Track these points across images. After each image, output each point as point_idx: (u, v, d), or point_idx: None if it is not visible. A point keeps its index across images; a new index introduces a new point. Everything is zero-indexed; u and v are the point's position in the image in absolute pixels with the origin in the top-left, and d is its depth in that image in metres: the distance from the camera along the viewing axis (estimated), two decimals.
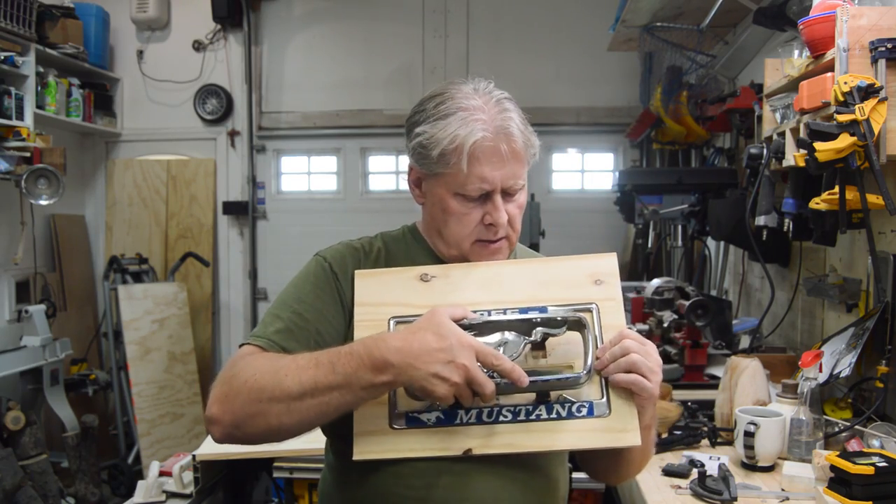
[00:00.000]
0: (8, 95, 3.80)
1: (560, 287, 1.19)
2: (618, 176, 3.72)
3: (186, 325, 4.90)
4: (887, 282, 1.96)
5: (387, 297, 1.19)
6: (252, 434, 1.15)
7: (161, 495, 2.28)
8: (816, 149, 1.72)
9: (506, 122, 1.19)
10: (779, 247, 2.78)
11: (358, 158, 5.32)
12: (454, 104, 1.20)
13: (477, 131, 1.17)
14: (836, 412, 2.02)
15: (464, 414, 1.12)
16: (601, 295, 1.18)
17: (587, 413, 1.11)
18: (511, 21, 5.12)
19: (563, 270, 1.22)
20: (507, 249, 1.27)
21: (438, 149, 1.19)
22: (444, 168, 1.20)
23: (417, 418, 1.12)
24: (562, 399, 1.12)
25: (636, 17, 3.51)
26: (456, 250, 1.26)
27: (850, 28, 1.74)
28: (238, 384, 1.11)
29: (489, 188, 1.20)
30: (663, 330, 2.68)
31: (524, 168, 1.23)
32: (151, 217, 5.24)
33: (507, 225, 1.23)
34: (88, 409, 4.40)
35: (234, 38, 5.24)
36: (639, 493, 1.77)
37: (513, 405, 1.12)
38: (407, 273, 1.22)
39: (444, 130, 1.18)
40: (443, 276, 1.21)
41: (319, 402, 1.09)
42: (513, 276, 1.21)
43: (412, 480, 1.16)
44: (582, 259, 1.23)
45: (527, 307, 1.16)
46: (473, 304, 1.16)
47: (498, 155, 1.18)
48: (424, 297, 1.18)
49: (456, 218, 1.23)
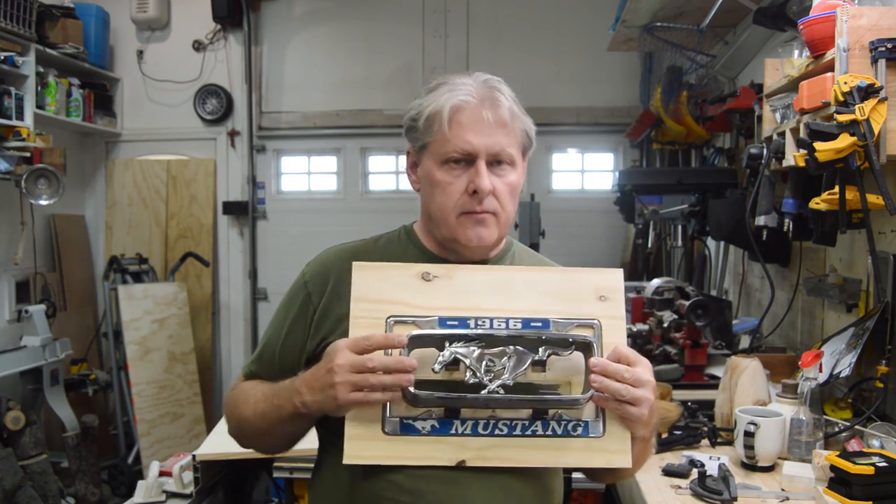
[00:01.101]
0: (8, 95, 3.80)
1: (564, 300, 1.18)
2: (618, 176, 3.72)
3: (186, 325, 4.90)
4: (887, 282, 1.97)
5: (386, 295, 1.16)
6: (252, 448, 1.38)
7: (161, 495, 2.28)
8: (816, 149, 1.72)
9: (492, 93, 1.23)
10: (779, 247, 2.78)
11: (358, 158, 5.32)
12: (443, 80, 1.25)
13: (459, 95, 1.21)
14: (836, 412, 2.02)
15: (459, 424, 1.12)
16: (604, 312, 1.18)
17: (583, 432, 1.13)
18: (511, 21, 5.12)
19: (569, 283, 1.20)
20: (496, 227, 1.24)
21: (424, 116, 1.23)
22: (429, 136, 1.23)
23: (412, 425, 1.11)
24: (558, 416, 1.13)
25: (636, 17, 3.51)
26: (445, 228, 1.25)
27: (850, 28, 1.74)
28: (227, 413, 1.34)
29: (471, 150, 1.20)
30: (663, 330, 2.68)
31: (512, 141, 1.23)
32: (151, 217, 5.24)
33: (494, 199, 1.22)
34: (88, 409, 4.39)
35: (234, 38, 5.24)
36: (639, 493, 1.77)
37: (509, 419, 1.12)
38: (408, 270, 1.19)
39: (429, 100, 1.23)
40: (445, 277, 1.19)
41: (270, 428, 1.23)
42: (517, 284, 1.19)
43: (405, 486, 1.16)
44: (588, 273, 1.21)
45: (529, 318, 1.16)
46: (476, 308, 1.16)
47: (481, 121, 1.20)
48: (426, 298, 1.16)
49: (441, 189, 1.23)
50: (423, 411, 1.11)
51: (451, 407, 1.12)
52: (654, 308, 2.77)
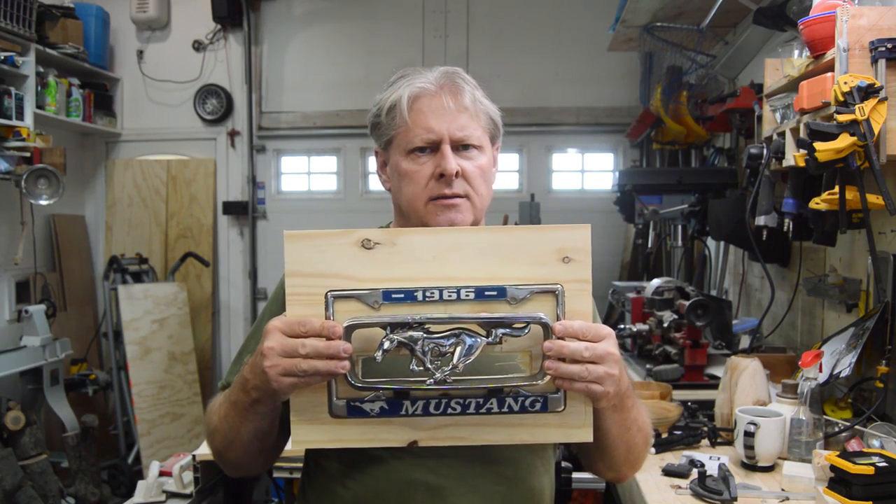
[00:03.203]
0: (8, 95, 3.80)
1: (523, 263, 1.05)
2: (618, 176, 3.72)
3: (186, 325, 4.90)
4: (887, 282, 1.96)
5: (323, 267, 1.05)
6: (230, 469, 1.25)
7: (161, 495, 2.28)
8: (816, 149, 1.72)
9: (452, 79, 1.21)
10: (779, 247, 2.78)
11: (358, 158, 5.32)
12: (402, 73, 1.25)
13: (418, 83, 1.20)
14: (836, 412, 2.02)
15: (409, 405, 1.05)
16: (569, 275, 1.05)
17: (541, 408, 1.06)
18: (511, 21, 5.12)
19: (528, 243, 1.06)
20: (470, 211, 1.20)
21: (385, 110, 1.21)
22: (393, 129, 1.21)
23: (360, 408, 1.05)
24: (514, 393, 1.06)
25: (636, 17, 3.52)
26: (415, 219, 1.22)
27: (850, 28, 1.74)
28: (205, 428, 1.23)
29: (435, 137, 1.18)
30: (663, 330, 2.68)
31: (477, 125, 1.21)
32: (151, 217, 5.24)
33: (464, 181, 1.19)
34: (88, 409, 4.40)
35: (234, 38, 5.24)
36: (639, 493, 1.77)
37: (462, 397, 1.05)
38: (346, 237, 1.05)
39: (388, 93, 1.22)
40: (388, 244, 1.05)
41: (235, 432, 1.14)
42: (470, 248, 1.06)
43: (387, 496, 1.14)
44: (550, 230, 1.07)
45: (483, 287, 1.05)
46: (424, 277, 1.05)
47: (441, 107, 1.18)
48: (367, 269, 1.05)
49: (408, 178, 1.20)
50: (371, 393, 1.05)
51: (397, 390, 1.05)
52: (654, 308, 2.77)
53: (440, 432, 1.07)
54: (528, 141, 5.18)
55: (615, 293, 3.54)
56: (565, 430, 1.07)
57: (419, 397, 1.05)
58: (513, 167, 5.28)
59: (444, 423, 1.06)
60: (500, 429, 1.07)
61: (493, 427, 1.07)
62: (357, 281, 1.05)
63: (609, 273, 4.88)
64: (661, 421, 2.06)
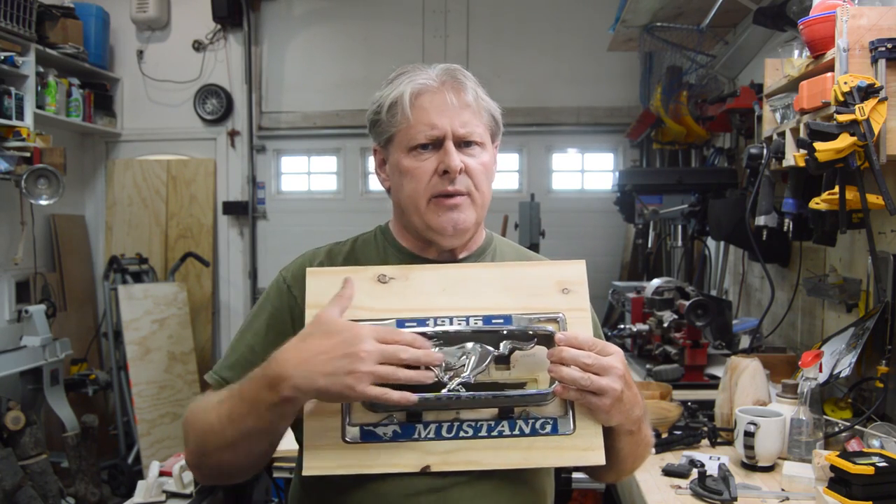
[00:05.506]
0: (8, 95, 3.81)
1: (526, 295, 1.14)
2: (618, 176, 3.72)
3: (186, 325, 4.90)
4: (887, 282, 1.96)
5: None
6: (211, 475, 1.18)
7: (161, 495, 2.28)
8: (816, 149, 1.72)
9: (454, 76, 1.20)
10: (779, 247, 2.78)
11: (358, 158, 5.33)
12: (403, 70, 1.23)
13: (420, 80, 1.18)
14: (836, 412, 2.02)
15: (422, 428, 1.07)
16: (568, 304, 1.13)
17: (551, 430, 1.08)
18: (511, 21, 5.12)
19: (530, 277, 1.16)
20: (471, 209, 1.19)
21: (386, 106, 1.19)
22: (394, 127, 1.19)
23: (373, 432, 1.07)
24: (525, 415, 1.08)
25: (636, 17, 3.52)
26: (417, 217, 1.19)
27: (850, 28, 1.74)
28: (186, 428, 1.15)
29: (438, 133, 1.16)
30: (663, 330, 2.68)
31: (479, 122, 1.20)
32: (151, 217, 5.24)
33: (467, 178, 1.18)
34: (88, 409, 4.40)
35: (234, 38, 5.25)
36: (639, 493, 1.77)
37: (474, 420, 1.08)
38: (363, 273, 1.14)
39: (389, 89, 1.20)
40: (401, 278, 1.14)
41: (240, 432, 1.07)
42: (476, 281, 1.15)
43: (391, 498, 1.12)
44: (550, 266, 1.18)
45: (490, 315, 1.11)
46: (435, 308, 1.11)
47: (444, 103, 1.17)
48: (383, 301, 1.12)
49: (410, 176, 1.18)
50: (384, 417, 1.07)
51: (412, 410, 1.06)
52: (654, 308, 2.77)
53: (452, 456, 1.08)
54: (528, 141, 5.18)
55: (615, 293, 3.54)
56: (578, 453, 1.08)
57: (431, 421, 1.08)
58: (513, 167, 5.29)
59: (456, 448, 1.08)
60: (512, 452, 1.08)
61: (504, 451, 1.08)
62: (374, 311, 1.11)
63: (609, 273, 4.88)
64: (661, 421, 2.06)
